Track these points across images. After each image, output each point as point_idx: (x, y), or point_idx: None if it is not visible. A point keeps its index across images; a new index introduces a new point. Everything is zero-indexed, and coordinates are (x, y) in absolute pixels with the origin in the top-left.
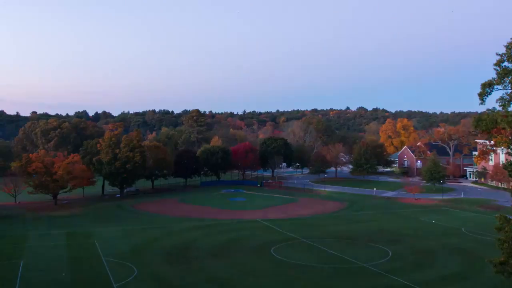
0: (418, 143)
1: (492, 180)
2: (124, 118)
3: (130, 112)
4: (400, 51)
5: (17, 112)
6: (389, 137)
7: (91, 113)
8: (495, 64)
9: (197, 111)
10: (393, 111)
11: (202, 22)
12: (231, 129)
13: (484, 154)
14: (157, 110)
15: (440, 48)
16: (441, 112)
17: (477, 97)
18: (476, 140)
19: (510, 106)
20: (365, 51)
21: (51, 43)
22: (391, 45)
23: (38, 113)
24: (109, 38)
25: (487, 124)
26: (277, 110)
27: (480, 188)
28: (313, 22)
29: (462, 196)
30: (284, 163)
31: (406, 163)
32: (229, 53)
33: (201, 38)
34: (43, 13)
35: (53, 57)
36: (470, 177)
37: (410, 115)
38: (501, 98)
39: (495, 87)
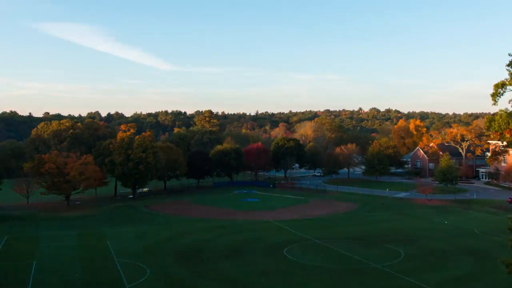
0: (431, 144)
1: (504, 181)
2: (137, 119)
3: (143, 113)
4: (412, 52)
5: (30, 113)
6: (402, 137)
7: (103, 114)
8: (508, 65)
9: (210, 111)
10: (405, 111)
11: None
12: (244, 130)
13: (497, 155)
14: (169, 111)
15: (452, 49)
16: (454, 113)
17: (490, 98)
18: (488, 141)
19: None
20: (377, 52)
21: (68, 44)
22: (403, 46)
23: (50, 113)
24: (124, 39)
25: (499, 125)
26: (290, 111)
27: (492, 189)
28: (324, 23)
29: (475, 197)
30: (296, 164)
31: (418, 164)
32: (242, 53)
33: (212, 40)
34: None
35: (66, 58)
36: (482, 178)
37: (422, 115)
38: None
39: (507, 87)
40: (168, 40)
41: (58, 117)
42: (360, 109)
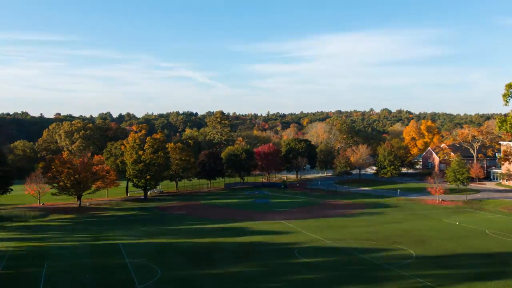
0: (442, 145)
1: None
2: (148, 119)
3: (154, 114)
4: (422, 53)
5: (41, 114)
6: (413, 138)
7: (115, 115)
8: None
9: (221, 112)
10: (417, 112)
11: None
12: (255, 131)
13: (508, 156)
14: (181, 111)
15: (464, 49)
16: (465, 114)
17: (501, 98)
18: (500, 142)
19: None
20: (388, 53)
21: (75, 45)
22: (414, 46)
23: (62, 114)
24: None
25: (511, 125)
26: (301, 112)
27: (504, 190)
28: (334, 24)
29: (486, 197)
30: (308, 165)
31: (430, 165)
32: (254, 54)
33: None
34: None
35: (77, 61)
36: (494, 179)
37: (434, 116)
38: None
39: None
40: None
41: (70, 117)
42: (371, 110)
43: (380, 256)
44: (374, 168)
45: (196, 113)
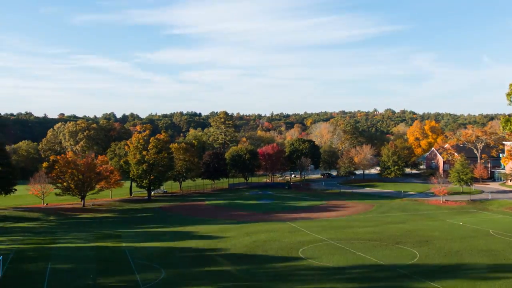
0: (446, 145)
1: None
2: (152, 120)
3: (158, 114)
4: (427, 52)
5: (45, 114)
6: (417, 139)
7: (118, 115)
8: None
9: (225, 113)
10: (420, 113)
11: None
12: (259, 131)
13: None
14: (184, 112)
15: (469, 49)
16: (469, 114)
17: (505, 98)
18: (503, 142)
19: None
20: (393, 52)
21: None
22: (418, 46)
23: (65, 114)
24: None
25: None
26: (305, 112)
27: (508, 190)
28: (339, 24)
29: (490, 198)
30: (311, 165)
31: (433, 165)
32: (257, 55)
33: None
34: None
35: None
36: (498, 179)
37: (437, 116)
38: None
39: None
40: None
41: (73, 118)
42: (375, 110)
43: (384, 256)
44: (378, 168)
45: (200, 114)
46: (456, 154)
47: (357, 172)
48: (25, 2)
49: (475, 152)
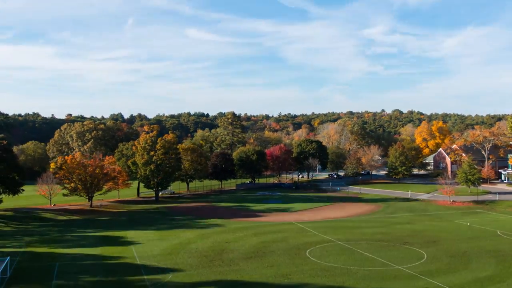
0: (453, 146)
1: None
2: (159, 120)
3: (165, 115)
4: (435, 53)
5: (52, 115)
6: (424, 139)
7: (126, 116)
8: None
9: (233, 113)
10: (428, 113)
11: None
12: (266, 132)
13: None
14: (192, 112)
15: (477, 49)
16: (476, 115)
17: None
18: (511, 143)
19: None
20: (402, 53)
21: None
22: (426, 46)
23: (73, 115)
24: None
25: None
26: (312, 113)
27: None
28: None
29: (497, 198)
30: (319, 166)
31: (441, 166)
32: (265, 56)
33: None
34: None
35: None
36: (505, 180)
37: (445, 117)
38: None
39: None
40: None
41: (81, 118)
42: (383, 110)
43: (392, 256)
44: (386, 169)
45: (208, 114)
46: (463, 154)
47: (365, 172)
48: None
49: (483, 152)
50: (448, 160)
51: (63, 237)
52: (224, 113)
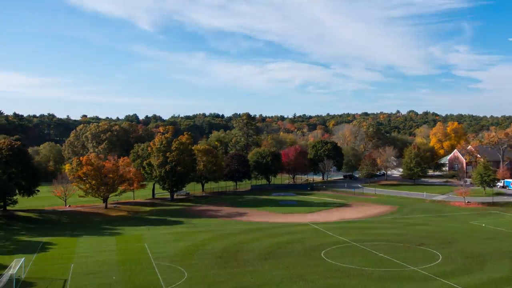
0: (469, 147)
1: None
2: (174, 121)
3: (180, 116)
4: (448, 55)
5: (68, 116)
6: (439, 140)
7: (141, 117)
8: None
9: (247, 114)
10: (443, 114)
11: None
12: (281, 133)
13: None
14: (207, 113)
15: (491, 50)
16: (492, 116)
17: None
18: None
19: None
20: (415, 55)
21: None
22: (440, 48)
23: (88, 116)
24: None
25: None
26: (327, 114)
27: None
28: (358, 25)
29: None
30: (334, 167)
31: (456, 167)
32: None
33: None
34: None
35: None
36: None
37: (460, 118)
38: None
39: None
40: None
41: (96, 119)
42: (398, 111)
43: (407, 257)
44: (400, 170)
45: (223, 115)
46: (478, 155)
47: (380, 173)
48: None
49: (498, 154)
50: (463, 161)
51: (78, 239)
52: (239, 114)
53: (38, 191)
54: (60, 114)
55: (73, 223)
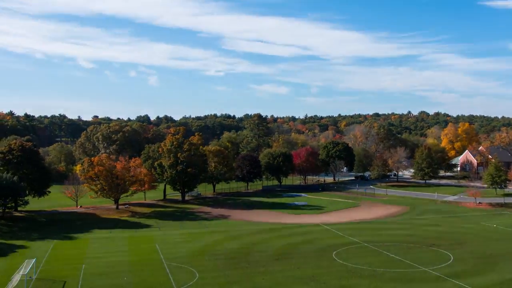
0: (480, 147)
1: None
2: (186, 122)
3: (191, 117)
4: (460, 56)
5: (79, 116)
6: (451, 141)
7: (152, 117)
8: None
9: (259, 115)
10: (454, 115)
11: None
12: (293, 134)
13: None
14: (218, 114)
15: (503, 51)
16: (503, 116)
17: None
18: None
19: None
20: (427, 57)
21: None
22: (453, 50)
23: (99, 117)
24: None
25: None
26: (339, 115)
27: None
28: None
29: None
30: (345, 167)
31: (467, 167)
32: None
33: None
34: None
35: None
36: None
37: (471, 119)
38: None
39: None
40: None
41: (107, 120)
42: (409, 112)
43: (418, 258)
44: (412, 170)
45: (234, 116)
46: (490, 156)
47: (391, 174)
48: None
49: (509, 154)
50: (474, 162)
51: (90, 240)
52: (250, 115)
53: (49, 192)
54: (71, 115)
55: (84, 224)
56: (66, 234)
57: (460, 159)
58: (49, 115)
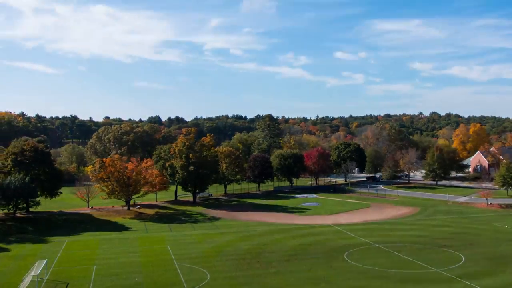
0: (491, 148)
1: None
2: (197, 123)
3: (203, 118)
4: (472, 56)
5: (90, 117)
6: (462, 142)
7: (164, 118)
8: None
9: (270, 116)
10: (466, 116)
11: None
12: (304, 134)
13: None
14: (230, 115)
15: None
16: None
17: None
18: None
19: None
20: (435, 58)
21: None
22: (467, 51)
23: (110, 118)
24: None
25: None
26: (350, 115)
27: None
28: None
29: None
30: (357, 168)
31: (479, 168)
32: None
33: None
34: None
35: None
36: None
37: (483, 120)
38: None
39: None
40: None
41: (119, 121)
42: (420, 113)
43: (430, 259)
44: (423, 171)
45: (245, 117)
46: (501, 157)
47: (402, 175)
48: None
49: None
50: (486, 162)
51: (101, 240)
52: (262, 115)
53: (61, 193)
54: (83, 116)
55: (95, 225)
56: (77, 235)
57: (471, 160)
58: (60, 116)
